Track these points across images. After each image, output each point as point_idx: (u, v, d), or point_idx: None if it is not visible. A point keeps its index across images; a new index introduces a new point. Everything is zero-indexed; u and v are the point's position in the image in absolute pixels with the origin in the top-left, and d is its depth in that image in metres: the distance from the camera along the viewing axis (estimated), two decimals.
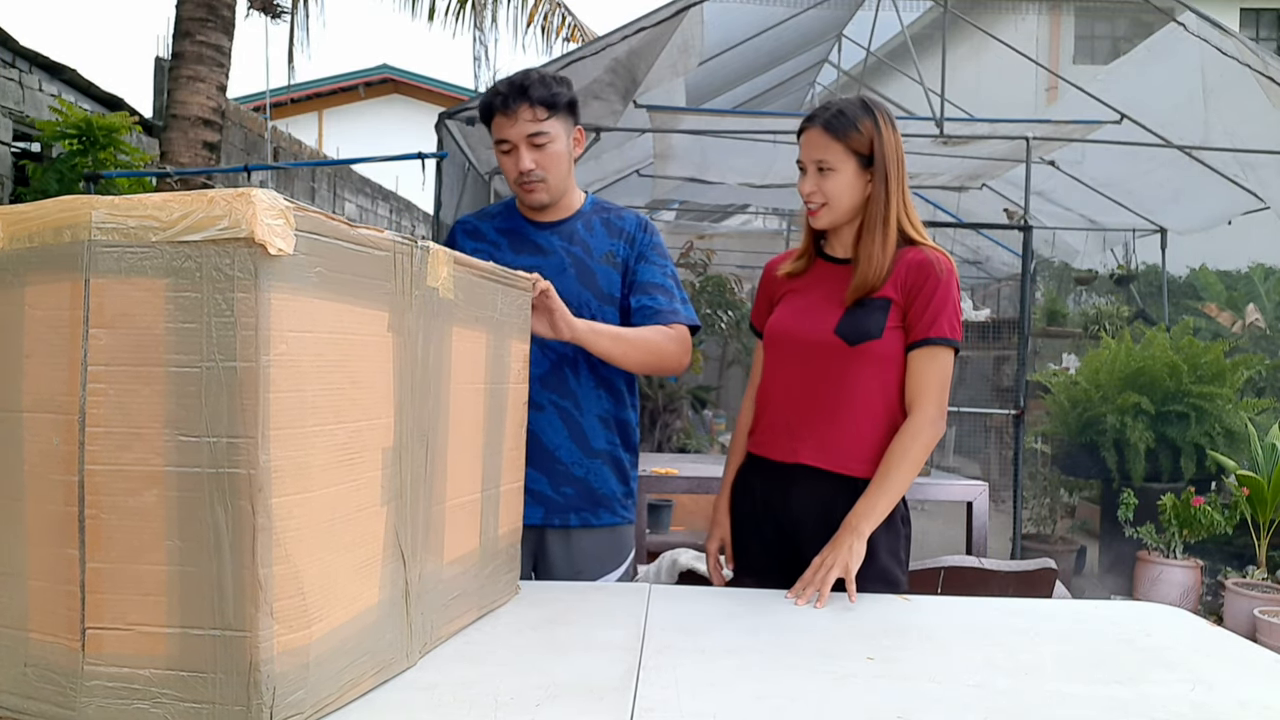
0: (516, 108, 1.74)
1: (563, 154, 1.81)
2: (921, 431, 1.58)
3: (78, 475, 0.84)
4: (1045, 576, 2.24)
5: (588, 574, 1.83)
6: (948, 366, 1.61)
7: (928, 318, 1.59)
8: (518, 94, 1.74)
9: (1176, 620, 1.44)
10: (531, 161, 1.77)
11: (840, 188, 1.62)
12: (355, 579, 0.96)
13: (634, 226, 1.90)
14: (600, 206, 1.93)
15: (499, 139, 1.79)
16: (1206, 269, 7.94)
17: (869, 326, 1.61)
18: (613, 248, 1.87)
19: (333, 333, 0.90)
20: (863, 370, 1.62)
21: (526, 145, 1.76)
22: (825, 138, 1.61)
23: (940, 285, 1.60)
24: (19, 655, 0.88)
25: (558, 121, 1.78)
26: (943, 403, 1.61)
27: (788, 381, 1.69)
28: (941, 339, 1.59)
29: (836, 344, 1.62)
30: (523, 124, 1.75)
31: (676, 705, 0.99)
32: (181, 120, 4.11)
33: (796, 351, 1.68)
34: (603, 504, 1.86)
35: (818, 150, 1.62)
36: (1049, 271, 8.95)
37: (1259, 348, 6.45)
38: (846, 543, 1.51)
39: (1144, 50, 5.25)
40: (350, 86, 14.95)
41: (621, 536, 1.90)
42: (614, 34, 4.11)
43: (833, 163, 1.61)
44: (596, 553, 1.85)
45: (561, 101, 1.78)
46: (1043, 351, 8.07)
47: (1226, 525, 4.29)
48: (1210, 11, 4.67)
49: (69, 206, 0.85)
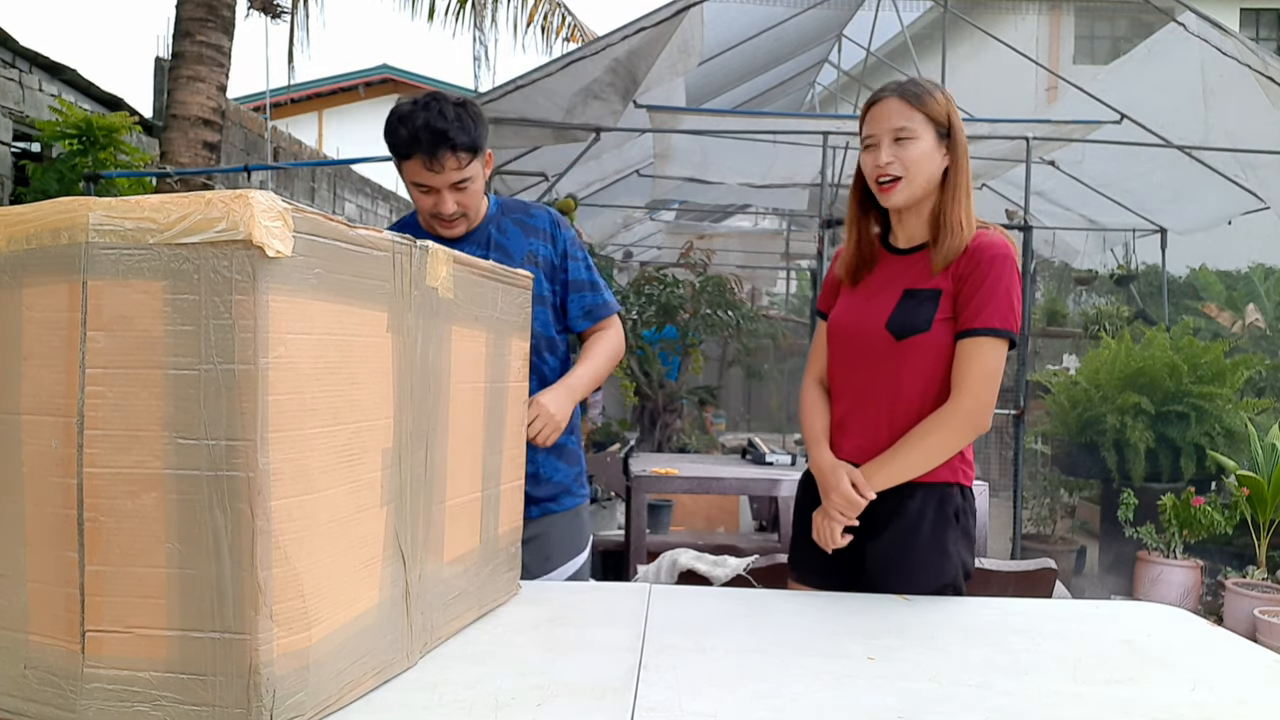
0: (441, 157, 1.66)
1: (480, 188, 1.78)
2: (951, 418, 1.52)
3: (76, 478, 0.84)
4: (1045, 576, 2.23)
5: (556, 561, 1.88)
6: (994, 358, 1.52)
7: (974, 306, 1.52)
8: (440, 142, 1.64)
9: (1176, 620, 1.44)
10: (454, 204, 1.73)
11: (920, 157, 1.54)
12: (355, 580, 0.96)
13: (549, 223, 1.88)
14: (505, 206, 1.90)
15: (415, 181, 1.71)
16: (1206, 269, 7.94)
17: (917, 320, 1.55)
18: (531, 247, 1.85)
19: (331, 334, 0.90)
20: (911, 365, 1.56)
21: (450, 190, 1.72)
22: (904, 105, 1.55)
23: (991, 272, 1.51)
24: (19, 657, 0.88)
25: (478, 161, 1.73)
26: (983, 395, 1.52)
27: (844, 376, 1.67)
28: (988, 329, 1.51)
29: (885, 338, 1.58)
30: (448, 173, 1.68)
31: (677, 705, 0.99)
32: (181, 120, 4.11)
33: (851, 347, 1.65)
34: (563, 491, 1.91)
35: (897, 118, 1.54)
36: (1049, 271, 8.95)
37: (1259, 348, 6.45)
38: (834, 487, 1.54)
39: (1144, 50, 5.26)
40: (350, 86, 14.95)
41: (582, 517, 1.97)
42: (614, 34, 4.11)
43: (913, 130, 1.53)
44: (561, 538, 1.90)
45: (482, 140, 1.71)
46: (1043, 351, 8.08)
47: (1226, 525, 4.29)
48: (1210, 11, 4.67)
49: (67, 208, 0.84)
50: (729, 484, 3.63)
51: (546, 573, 1.84)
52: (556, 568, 1.88)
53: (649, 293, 5.53)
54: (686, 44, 4.55)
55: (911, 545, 1.58)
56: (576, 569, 1.92)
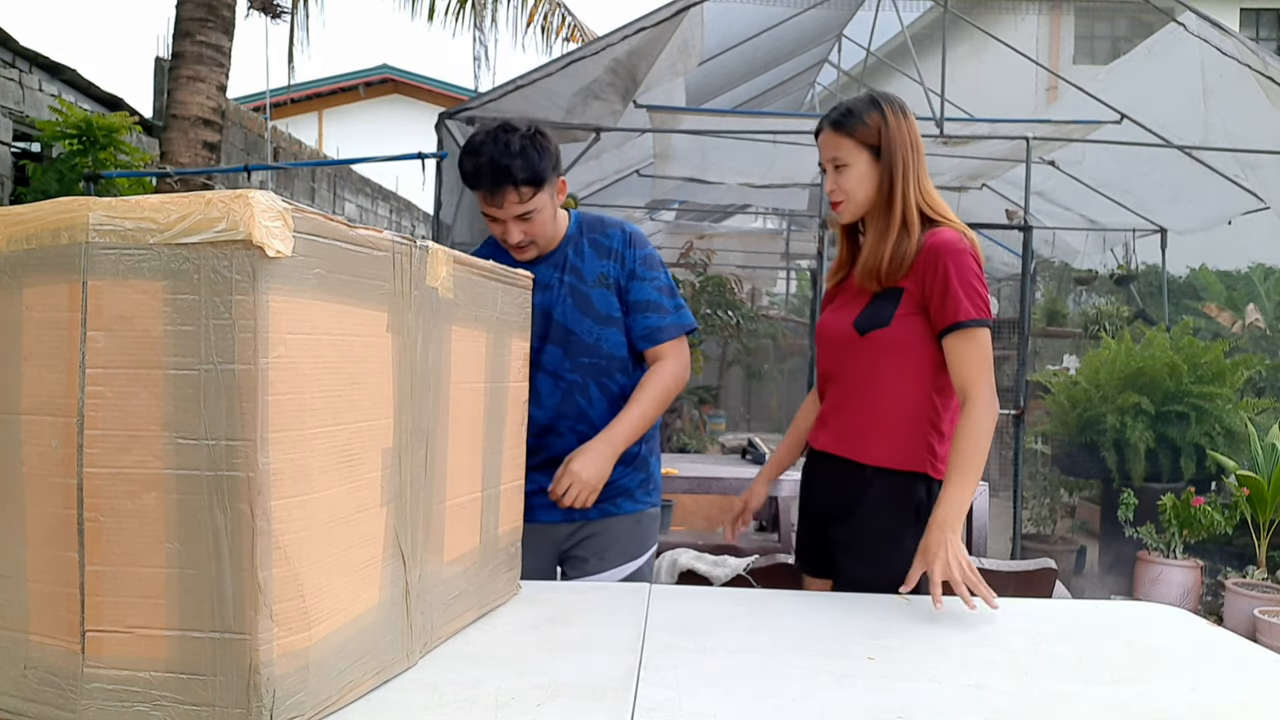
0: (502, 192, 1.70)
1: (549, 216, 1.80)
2: (983, 419, 1.55)
3: (76, 478, 0.84)
4: (1045, 576, 2.23)
5: (611, 561, 1.91)
6: (984, 345, 1.59)
7: (950, 303, 1.57)
8: (502, 177, 1.68)
9: (1176, 620, 1.44)
10: (520, 234, 1.77)
11: (854, 181, 1.66)
12: (355, 580, 0.96)
13: (620, 243, 1.89)
14: (585, 225, 1.92)
15: (484, 210, 1.76)
16: (1206, 269, 7.94)
17: (879, 317, 1.65)
18: (604, 269, 1.87)
19: (332, 334, 0.90)
20: (877, 359, 1.66)
21: (514, 221, 1.75)
22: (835, 135, 1.67)
23: (952, 266, 1.58)
24: (19, 657, 0.88)
25: (544, 193, 1.75)
26: (991, 381, 1.58)
27: (823, 374, 1.81)
28: (968, 321, 1.57)
29: (851, 335, 1.68)
30: (510, 206, 1.72)
31: (677, 705, 0.99)
32: (181, 120, 4.11)
33: (827, 346, 1.77)
34: (622, 494, 1.93)
35: (831, 148, 1.68)
36: (1049, 271, 8.95)
37: (1259, 348, 6.45)
38: (942, 543, 1.47)
39: (1144, 50, 5.25)
40: (350, 86, 14.95)
41: (643, 524, 1.97)
42: (614, 34, 4.11)
43: (845, 158, 1.66)
44: (620, 539, 1.92)
45: (547, 173, 1.73)
46: (1043, 351, 8.08)
47: (1226, 525, 4.29)
48: (1210, 11, 4.67)
49: (67, 208, 0.84)
50: (729, 484, 3.63)
51: (601, 571, 1.90)
52: (612, 567, 1.91)
53: None
54: (686, 44, 4.55)
55: (867, 537, 1.69)
56: (631, 571, 1.94)
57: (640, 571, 1.97)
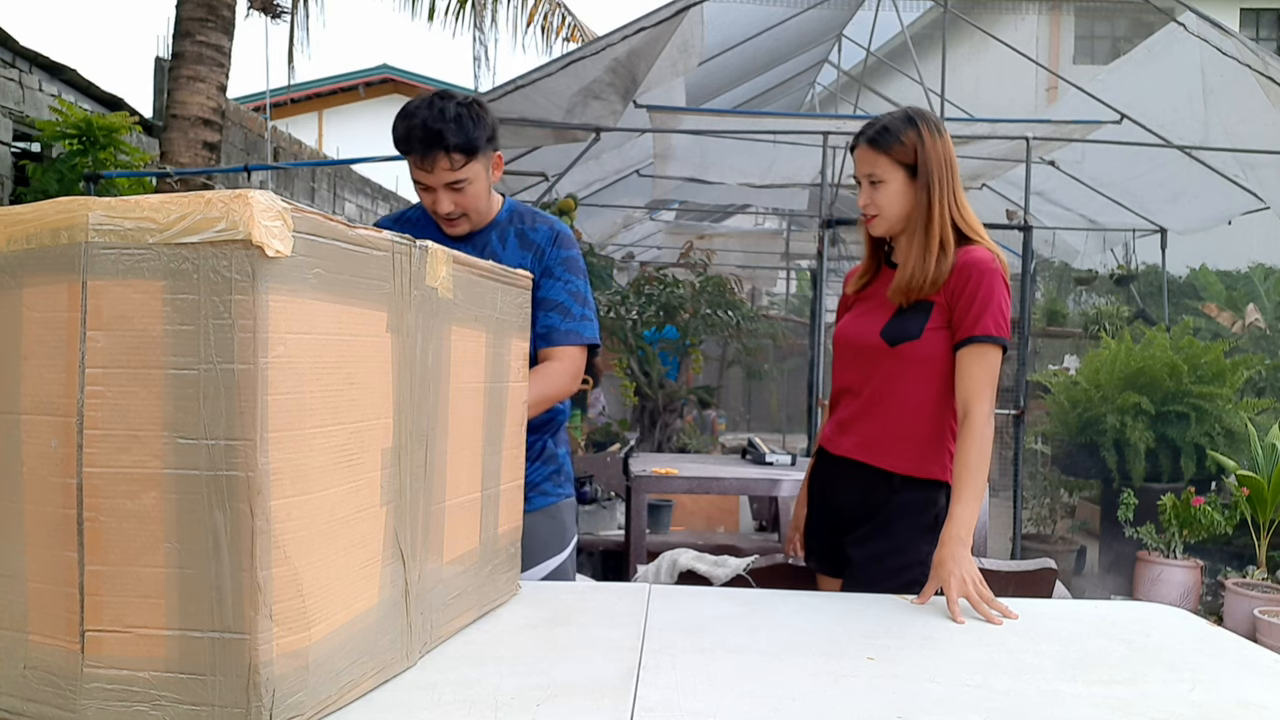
0: (433, 156, 1.65)
1: (483, 189, 1.75)
2: (983, 433, 1.60)
3: (76, 478, 0.83)
4: (1045, 576, 2.23)
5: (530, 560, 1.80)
6: (994, 365, 1.64)
7: (971, 317, 1.63)
8: (434, 141, 1.64)
9: (1176, 620, 1.44)
10: (451, 204, 1.72)
11: (890, 198, 1.69)
12: (355, 580, 0.96)
13: (545, 240, 1.84)
14: (517, 214, 1.87)
15: (415, 179, 1.71)
16: (1206, 269, 7.94)
17: (910, 328, 1.68)
18: (522, 262, 1.80)
19: (331, 334, 0.90)
20: (905, 370, 1.69)
21: (445, 190, 1.71)
22: (872, 153, 1.69)
23: (983, 284, 1.62)
24: (18, 657, 0.88)
25: (477, 162, 1.70)
26: (993, 400, 1.64)
27: (844, 382, 1.82)
28: (985, 337, 1.62)
29: (880, 345, 1.70)
30: (440, 173, 1.67)
31: (677, 705, 0.99)
32: (181, 120, 4.11)
33: (850, 354, 1.79)
34: (530, 489, 1.82)
35: (867, 165, 1.70)
36: (1049, 271, 8.95)
37: (1259, 348, 6.44)
38: (957, 559, 1.47)
39: (1144, 50, 5.26)
40: (350, 86, 14.96)
41: (558, 517, 1.91)
42: (614, 34, 4.11)
43: (881, 175, 1.68)
44: (536, 535, 1.81)
45: (481, 142, 1.69)
46: (1043, 351, 8.08)
47: (1226, 525, 4.29)
48: (1210, 11, 4.67)
49: (66, 208, 0.84)
50: (729, 484, 3.63)
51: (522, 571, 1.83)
52: (531, 566, 1.82)
53: (649, 293, 5.53)
54: (686, 44, 4.55)
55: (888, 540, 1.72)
56: (554, 569, 1.88)
57: (563, 568, 1.90)
